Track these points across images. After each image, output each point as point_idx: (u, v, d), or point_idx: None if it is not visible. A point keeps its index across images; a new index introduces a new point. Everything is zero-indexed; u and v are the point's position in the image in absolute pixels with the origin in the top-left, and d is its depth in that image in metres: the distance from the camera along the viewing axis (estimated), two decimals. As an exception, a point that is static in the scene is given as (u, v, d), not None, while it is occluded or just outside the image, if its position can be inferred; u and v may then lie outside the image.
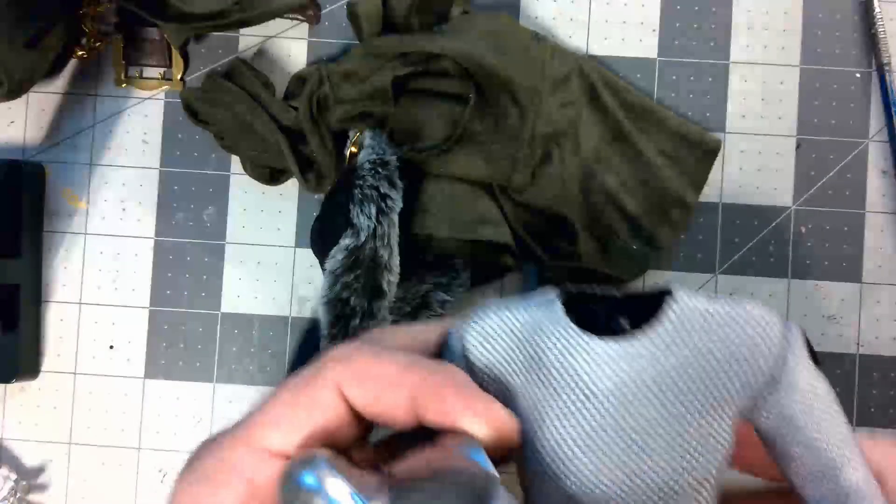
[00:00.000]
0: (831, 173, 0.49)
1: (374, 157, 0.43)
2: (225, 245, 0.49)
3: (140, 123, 0.50)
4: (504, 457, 0.20)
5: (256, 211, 0.49)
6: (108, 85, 0.50)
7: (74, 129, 0.50)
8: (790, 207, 0.49)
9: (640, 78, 0.49)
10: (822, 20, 0.49)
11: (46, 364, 0.49)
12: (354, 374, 0.20)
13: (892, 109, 0.48)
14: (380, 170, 0.42)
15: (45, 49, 0.46)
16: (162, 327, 0.49)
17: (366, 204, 0.42)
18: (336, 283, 0.42)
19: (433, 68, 0.45)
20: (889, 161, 0.49)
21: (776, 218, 0.49)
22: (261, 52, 0.50)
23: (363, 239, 0.41)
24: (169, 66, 0.49)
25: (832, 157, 0.49)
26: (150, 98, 0.50)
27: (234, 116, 0.46)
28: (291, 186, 0.49)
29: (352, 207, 0.42)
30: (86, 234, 0.49)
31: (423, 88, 0.45)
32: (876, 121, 0.49)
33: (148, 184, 0.49)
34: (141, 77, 0.49)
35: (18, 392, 0.49)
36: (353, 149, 0.45)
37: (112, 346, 0.49)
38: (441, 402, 0.19)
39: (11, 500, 0.48)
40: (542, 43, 0.46)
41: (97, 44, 0.49)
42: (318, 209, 0.47)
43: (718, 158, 0.48)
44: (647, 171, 0.47)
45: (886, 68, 0.48)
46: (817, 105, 0.49)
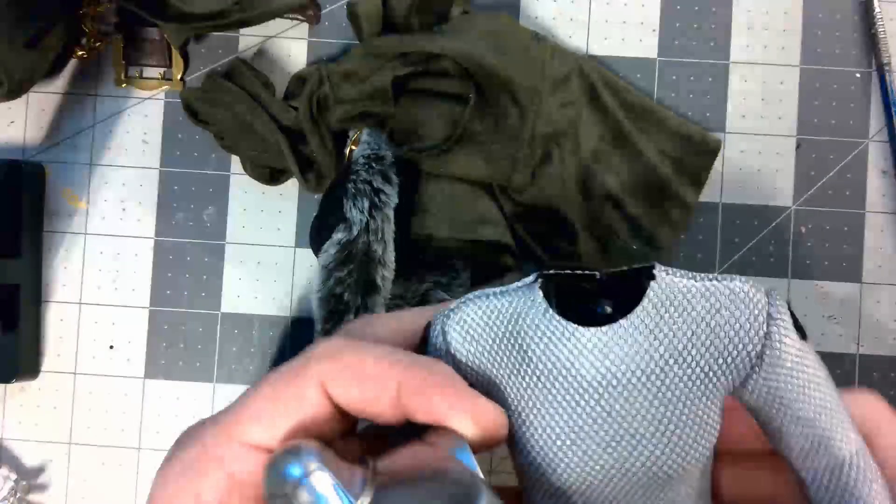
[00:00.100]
0: (831, 173, 0.49)
1: (368, 151, 0.43)
2: (225, 245, 0.49)
3: (140, 123, 0.50)
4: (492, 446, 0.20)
5: (256, 211, 0.49)
6: (108, 85, 0.50)
7: (74, 129, 0.50)
8: (790, 207, 0.49)
9: (640, 78, 0.49)
10: (822, 20, 0.49)
11: (46, 364, 0.49)
12: (339, 371, 0.20)
13: (892, 109, 0.48)
14: (374, 164, 0.42)
15: (45, 49, 0.46)
16: (162, 327, 0.49)
17: (359, 198, 0.41)
18: (329, 277, 0.41)
19: (433, 68, 0.45)
20: (889, 161, 0.49)
21: (776, 218, 0.49)
22: (261, 52, 0.50)
23: (356, 233, 0.41)
24: (169, 66, 0.49)
25: (832, 157, 0.49)
26: (150, 98, 0.50)
27: (234, 116, 0.46)
28: (291, 186, 0.49)
29: (345, 201, 0.42)
30: (86, 234, 0.50)
31: (423, 88, 0.45)
32: (876, 121, 0.49)
33: (148, 184, 0.49)
34: (141, 77, 0.49)
35: (18, 392, 0.49)
36: (353, 147, 0.45)
37: (112, 346, 0.49)
38: (428, 400, 0.19)
39: (11, 500, 0.48)
40: (542, 43, 0.46)
41: (97, 44, 0.49)
42: (318, 208, 0.47)
43: (718, 158, 0.48)
44: (647, 171, 0.47)
45: (886, 68, 0.48)
46: (817, 105, 0.49)
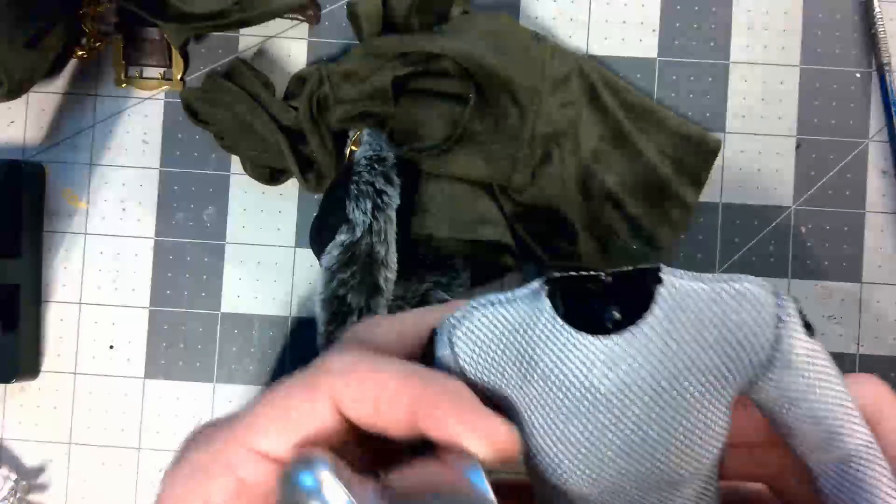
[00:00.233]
0: (831, 173, 0.49)
1: (370, 153, 0.43)
2: (225, 245, 0.49)
3: (140, 123, 0.49)
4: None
5: (256, 211, 0.49)
6: (108, 85, 0.50)
7: (74, 129, 0.50)
8: (790, 207, 0.49)
9: (640, 78, 0.49)
10: (822, 20, 0.49)
11: (46, 364, 0.49)
12: (352, 387, 0.19)
13: (892, 109, 0.48)
14: (376, 166, 0.42)
15: (45, 49, 0.46)
16: (162, 327, 0.49)
17: (361, 199, 0.41)
18: (332, 279, 0.41)
19: (433, 68, 0.45)
20: (889, 161, 0.48)
21: (776, 218, 0.49)
22: (261, 52, 0.50)
23: (359, 234, 0.41)
24: (169, 66, 0.49)
25: (832, 157, 0.49)
26: (150, 98, 0.50)
27: (234, 116, 0.46)
28: (291, 186, 0.49)
29: (348, 203, 0.42)
30: (86, 234, 0.49)
31: (423, 88, 0.45)
32: (876, 121, 0.49)
33: (148, 184, 0.49)
34: (141, 77, 0.49)
35: (18, 392, 0.49)
36: (353, 148, 0.45)
37: (112, 346, 0.49)
38: (442, 420, 0.19)
39: (11, 500, 0.48)
40: (542, 43, 0.46)
41: (97, 44, 0.49)
42: (318, 208, 0.47)
43: (718, 158, 0.48)
44: (647, 171, 0.47)
45: (886, 68, 0.48)
46: (817, 105, 0.49)
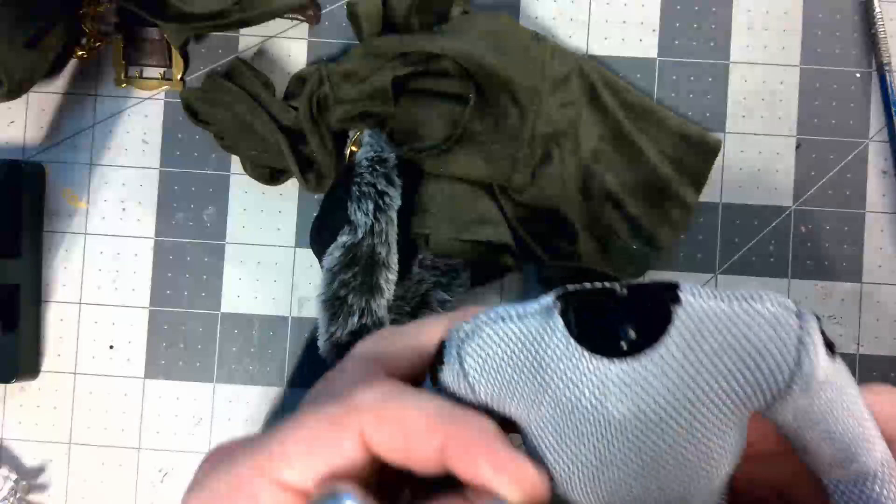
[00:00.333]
0: (831, 173, 0.49)
1: (371, 154, 0.43)
2: (225, 245, 0.49)
3: (140, 123, 0.49)
4: None
5: (256, 211, 0.49)
6: (108, 85, 0.50)
7: (74, 129, 0.50)
8: (790, 207, 0.49)
9: (640, 78, 0.49)
10: (822, 20, 0.49)
11: (46, 364, 0.49)
12: (381, 424, 0.19)
13: (892, 109, 0.48)
14: (378, 167, 0.42)
15: (45, 49, 0.46)
16: (162, 327, 0.49)
17: (363, 201, 0.41)
18: (334, 280, 0.41)
19: (433, 68, 0.45)
20: (889, 161, 0.48)
21: (776, 218, 0.49)
22: (261, 52, 0.50)
23: (360, 236, 0.41)
24: (169, 66, 0.49)
25: (832, 157, 0.49)
26: (150, 98, 0.50)
27: (234, 116, 0.46)
28: (291, 186, 0.49)
29: (349, 204, 0.42)
30: (86, 234, 0.49)
31: (423, 88, 0.45)
32: (876, 121, 0.49)
33: (148, 184, 0.49)
34: (141, 77, 0.49)
35: (18, 392, 0.49)
36: (353, 148, 0.45)
37: (112, 346, 0.49)
38: (473, 461, 0.19)
39: (11, 500, 0.48)
40: (542, 43, 0.46)
41: (97, 44, 0.49)
42: (318, 208, 0.47)
43: (718, 158, 0.48)
44: (647, 171, 0.47)
45: (886, 68, 0.48)
46: (817, 105, 0.49)
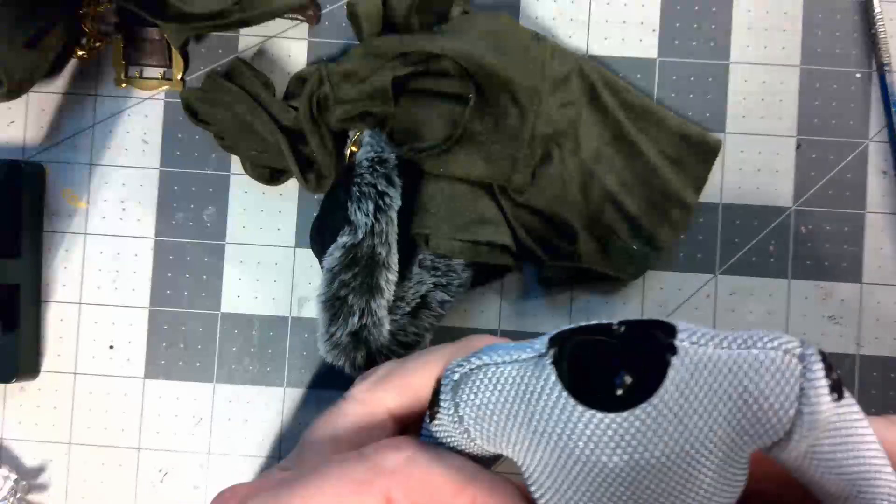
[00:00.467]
0: (831, 173, 0.49)
1: (372, 154, 0.43)
2: (225, 245, 0.49)
3: (140, 123, 0.50)
4: None
5: (256, 211, 0.49)
6: (108, 85, 0.50)
7: (74, 129, 0.50)
8: (790, 207, 0.49)
9: (640, 78, 0.49)
10: (822, 20, 0.49)
11: (46, 364, 0.49)
12: (407, 490, 0.20)
13: (892, 109, 0.48)
14: (378, 167, 0.42)
15: (45, 49, 0.46)
16: (162, 327, 0.49)
17: (363, 201, 0.42)
18: (334, 281, 0.42)
19: (433, 68, 0.45)
20: (889, 161, 0.48)
21: (776, 218, 0.49)
22: (261, 52, 0.50)
23: (361, 236, 0.41)
24: (169, 66, 0.49)
25: (832, 157, 0.49)
26: (150, 98, 0.50)
27: (234, 116, 0.46)
28: (291, 186, 0.49)
29: (349, 205, 0.42)
30: (86, 234, 0.50)
31: (423, 88, 0.45)
32: (876, 121, 0.49)
33: (148, 184, 0.49)
34: (141, 77, 0.49)
35: (18, 392, 0.49)
36: (353, 148, 0.45)
37: (112, 346, 0.49)
38: None
39: (11, 500, 0.48)
40: (542, 43, 0.46)
41: (97, 44, 0.49)
42: (318, 209, 0.47)
43: (718, 158, 0.48)
44: (647, 171, 0.47)
45: (886, 68, 0.48)
46: (817, 105, 0.49)
